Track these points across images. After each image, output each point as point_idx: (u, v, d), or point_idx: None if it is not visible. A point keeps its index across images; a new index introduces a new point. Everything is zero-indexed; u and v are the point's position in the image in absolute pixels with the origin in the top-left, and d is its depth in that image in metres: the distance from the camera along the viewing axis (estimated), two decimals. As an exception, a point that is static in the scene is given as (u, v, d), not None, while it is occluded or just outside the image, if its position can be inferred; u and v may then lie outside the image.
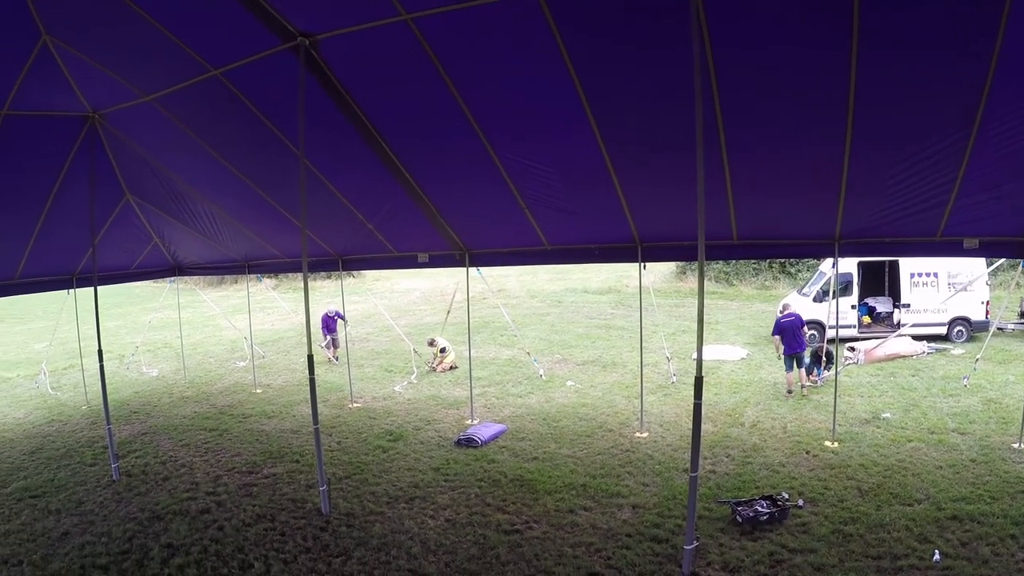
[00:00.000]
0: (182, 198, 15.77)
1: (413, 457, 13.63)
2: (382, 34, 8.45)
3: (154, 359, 28.20)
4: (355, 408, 17.79)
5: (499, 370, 20.79)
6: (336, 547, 10.10)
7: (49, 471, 14.58)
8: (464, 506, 11.14)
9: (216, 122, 12.03)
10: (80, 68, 10.96)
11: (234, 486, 12.91)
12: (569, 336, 26.10)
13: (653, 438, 13.62)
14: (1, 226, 14.56)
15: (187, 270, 21.16)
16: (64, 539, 11.15)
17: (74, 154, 13.41)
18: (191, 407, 19.62)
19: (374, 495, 11.89)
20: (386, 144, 11.05)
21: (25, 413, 20.52)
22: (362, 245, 15.59)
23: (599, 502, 10.88)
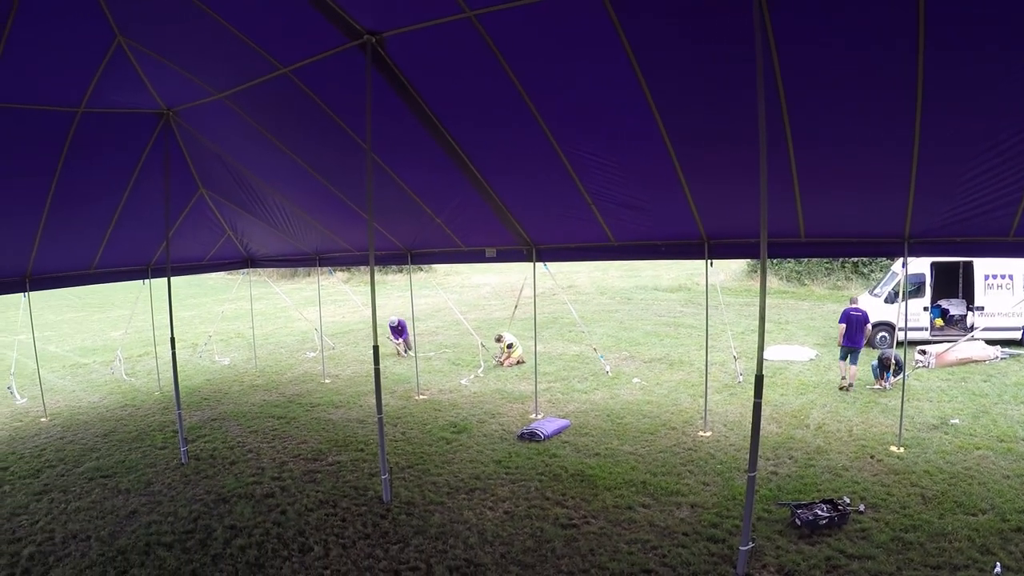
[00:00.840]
0: (254, 192, 16.26)
1: (476, 449, 13.80)
2: (446, 31, 8.59)
3: (226, 348, 28.95)
4: (421, 400, 18.04)
5: (566, 366, 20.86)
6: (395, 534, 10.31)
7: (121, 453, 15.15)
8: (523, 499, 11.27)
9: (286, 118, 12.37)
10: (154, 67, 11.44)
11: (299, 472, 13.24)
12: (637, 333, 26.03)
13: (716, 437, 13.58)
14: (80, 219, 15.32)
15: (259, 262, 21.72)
16: (132, 517, 11.62)
17: (149, 149, 14.01)
18: (261, 395, 20.13)
19: (435, 485, 12.10)
20: (452, 139, 11.20)
21: (100, 397, 21.31)
22: (430, 239, 15.77)
23: (658, 500, 10.91)
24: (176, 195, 15.67)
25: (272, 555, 9.93)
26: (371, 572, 9.25)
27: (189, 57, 11.19)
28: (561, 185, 11.47)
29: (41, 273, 16.75)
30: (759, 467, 11.64)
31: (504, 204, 13.00)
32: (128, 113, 12.87)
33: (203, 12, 9.19)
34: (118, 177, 14.54)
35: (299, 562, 9.65)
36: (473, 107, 10.51)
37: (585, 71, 8.92)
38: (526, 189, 12.49)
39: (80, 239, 16.20)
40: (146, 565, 9.85)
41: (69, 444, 16.14)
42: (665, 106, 8.95)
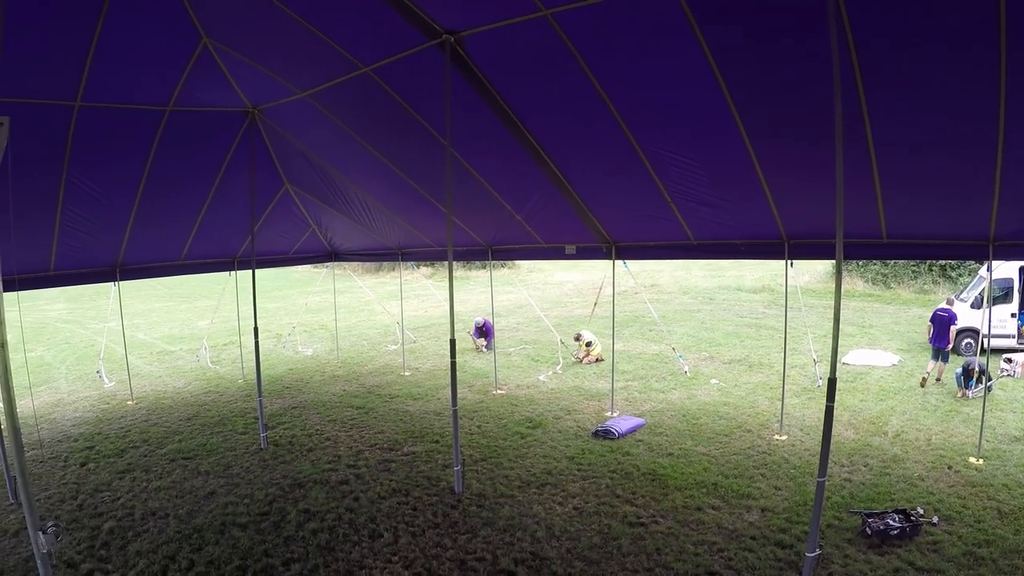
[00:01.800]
0: (337, 187, 16.68)
1: (550, 445, 13.91)
2: (524, 29, 8.73)
3: (310, 339, 29.53)
4: (499, 395, 18.22)
5: (644, 365, 20.82)
6: (464, 525, 10.51)
7: (202, 436, 15.76)
8: (593, 496, 11.34)
9: (368, 115, 12.72)
10: (239, 67, 11.98)
11: (374, 461, 13.56)
12: (718, 334, 25.82)
13: (791, 441, 13.43)
14: (168, 212, 16.04)
15: (343, 256, 22.14)
16: (210, 498, 12.12)
17: (236, 146, 14.62)
18: (341, 385, 20.58)
19: (507, 478, 12.26)
20: (531, 136, 11.34)
21: (185, 383, 22.07)
22: (511, 235, 15.91)
23: (728, 502, 10.87)
24: (262, 190, 16.33)
25: (343, 539, 10.23)
26: (438, 560, 9.44)
27: (273, 57, 11.65)
28: (640, 182, 11.48)
29: (131, 263, 17.50)
30: (833, 473, 11.59)
31: (583, 201, 13.07)
32: (215, 111, 13.46)
33: (286, 14, 9.56)
34: (205, 172, 15.21)
35: (368, 547, 9.92)
36: (551, 104, 10.62)
37: (661, 68, 8.94)
38: (605, 186, 12.54)
39: (169, 232, 16.94)
40: (220, 543, 10.27)
41: (153, 427, 16.82)
42: (743, 103, 8.90)
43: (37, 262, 15.47)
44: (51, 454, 14.92)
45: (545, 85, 10.15)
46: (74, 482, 13.14)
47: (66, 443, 15.73)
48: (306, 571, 9.32)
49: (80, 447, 15.32)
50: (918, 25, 7.15)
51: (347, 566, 9.42)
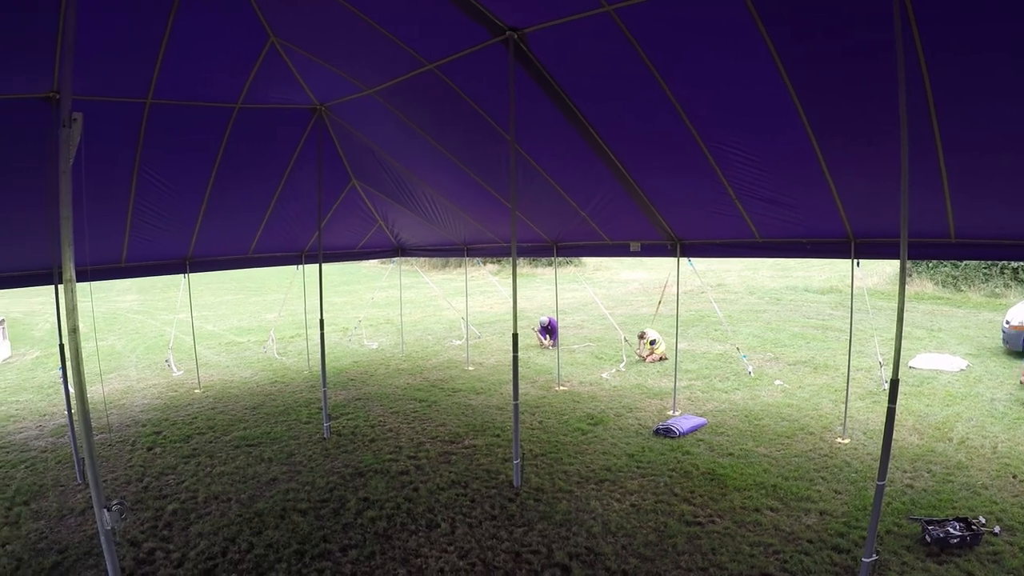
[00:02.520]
0: (403, 183, 16.90)
1: (610, 442, 13.92)
2: (587, 25, 8.74)
3: (375, 333, 29.97)
4: (561, 391, 18.29)
5: (708, 364, 20.67)
6: (520, 518, 10.61)
7: (267, 425, 16.15)
8: (651, 493, 11.34)
9: (433, 111, 12.85)
10: (306, 65, 12.26)
11: (435, 453, 13.75)
12: (784, 335, 25.44)
13: (854, 445, 13.20)
14: (238, 207, 16.53)
15: (409, 251, 22.36)
16: (271, 484, 12.43)
17: (303, 142, 14.96)
18: (405, 379, 20.86)
19: (566, 474, 12.32)
20: (595, 132, 11.33)
21: (252, 373, 22.62)
22: (576, 232, 15.89)
23: (787, 504, 10.76)
24: (329, 185, 16.73)
25: (400, 528, 10.41)
26: (493, 552, 9.56)
27: (339, 55, 11.88)
28: (704, 179, 11.43)
29: (200, 256, 18.02)
30: (895, 479, 11.45)
31: (648, 198, 13.02)
32: (283, 108, 13.78)
33: (351, 12, 9.77)
34: (274, 168, 15.58)
35: (425, 537, 10.08)
36: (615, 100, 10.60)
37: (724, 63, 8.88)
38: (670, 182, 12.48)
39: (238, 226, 17.41)
40: (280, 528, 10.55)
41: (219, 414, 17.30)
42: (807, 98, 8.78)
43: (109, 254, 16.01)
44: (119, 438, 15.44)
45: (608, 81, 10.15)
46: (140, 465, 13.60)
47: (134, 428, 16.26)
48: (363, 557, 9.52)
49: (148, 432, 15.83)
50: (986, 19, 7.03)
51: (403, 554, 9.59)
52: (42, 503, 11.94)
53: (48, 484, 12.80)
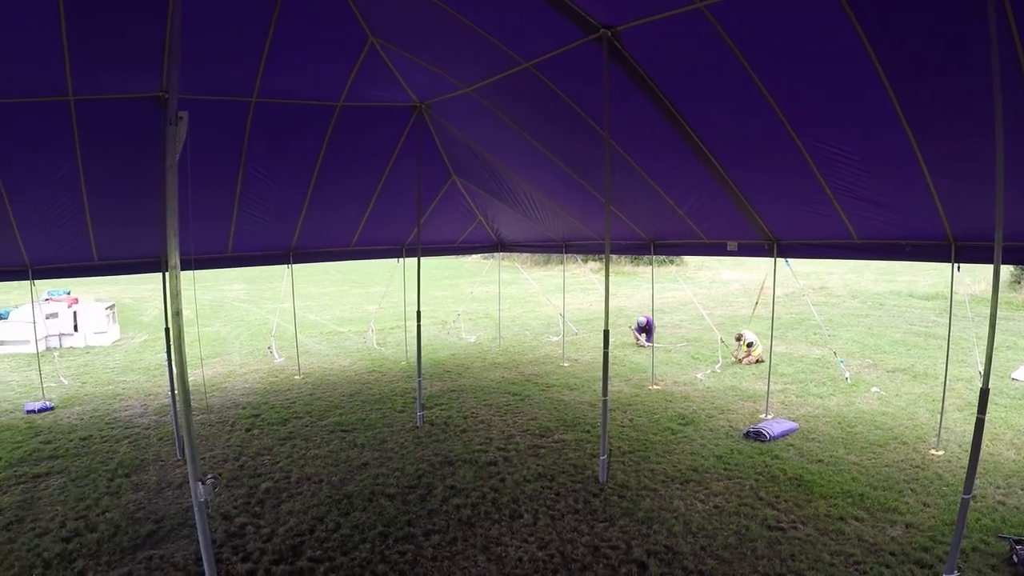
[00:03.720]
0: (502, 179, 17.26)
1: (699, 442, 13.97)
2: (679, 23, 8.80)
3: (474, 327, 30.45)
4: (654, 390, 18.36)
5: (805, 369, 20.39)
6: (603, 513, 10.78)
7: (362, 412, 16.74)
8: (736, 496, 11.37)
9: (530, 109, 13.12)
10: (405, 64, 12.76)
11: (524, 446, 14.03)
12: (884, 341, 24.80)
13: (948, 457, 12.92)
14: (340, 201, 17.25)
15: (508, 246, 22.73)
16: (362, 468, 12.94)
17: (404, 140, 15.50)
18: (500, 372, 21.24)
19: (652, 472, 12.43)
20: (691, 129, 11.37)
21: (351, 362, 23.31)
22: (673, 230, 15.92)
23: (872, 514, 10.62)
24: (429, 181, 17.25)
25: (484, 516, 10.73)
26: (572, 545, 9.76)
27: (437, 54, 12.31)
28: (801, 177, 11.34)
29: (303, 248, 18.81)
30: (987, 494, 11.21)
31: (744, 196, 13.00)
32: (384, 106, 14.33)
33: (448, 12, 10.12)
34: (375, 164, 16.20)
35: (507, 526, 10.37)
36: (710, 98, 10.64)
37: (818, 60, 8.81)
38: (766, 181, 12.43)
39: (340, 218, 18.13)
40: (368, 510, 11.00)
41: (316, 400, 17.96)
42: (905, 95, 8.63)
43: (216, 244, 16.91)
44: (219, 419, 16.20)
45: (703, 78, 10.22)
46: (238, 445, 14.31)
47: (234, 410, 17.03)
48: (444, 542, 9.86)
49: (247, 414, 16.58)
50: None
51: (484, 541, 9.90)
52: (142, 476, 12.74)
53: (149, 459, 13.62)
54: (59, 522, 10.83)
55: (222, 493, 11.77)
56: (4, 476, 12.85)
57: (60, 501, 11.69)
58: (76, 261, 15.75)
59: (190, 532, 10.21)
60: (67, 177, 13.17)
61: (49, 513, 11.20)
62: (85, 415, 17.06)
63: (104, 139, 12.60)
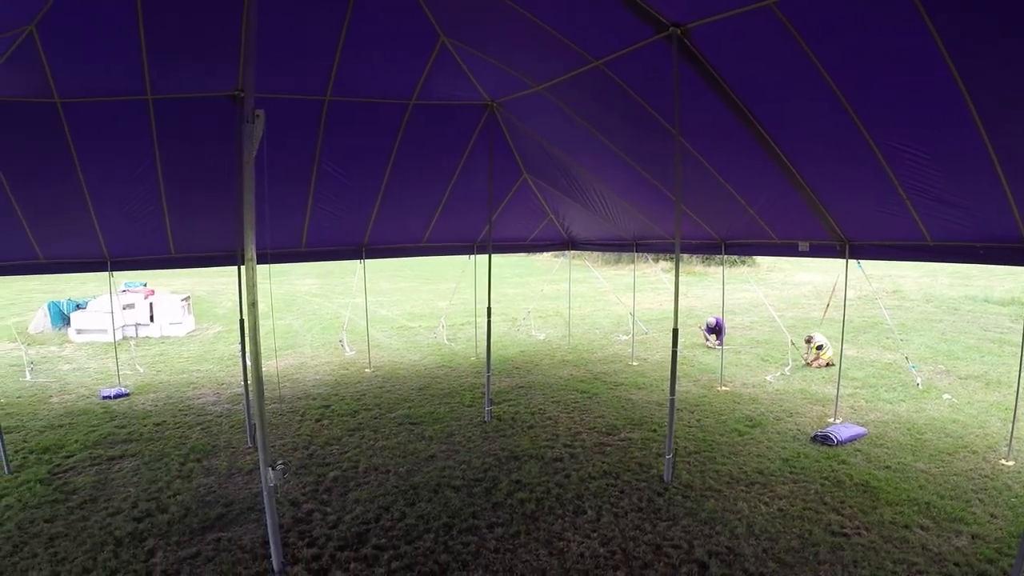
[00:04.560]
0: (573, 177, 17.38)
1: (766, 445, 13.93)
2: (748, 19, 8.83)
3: (543, 324, 30.64)
4: (723, 391, 18.33)
5: (876, 373, 20.11)
6: (666, 512, 10.84)
7: (431, 405, 17.04)
8: (800, 499, 11.32)
9: (600, 107, 13.22)
10: (476, 63, 13.02)
11: (590, 443, 14.14)
12: (958, 347, 24.29)
13: (1019, 468, 12.63)
14: (412, 198, 17.58)
15: (579, 244, 22.79)
16: (429, 460, 13.22)
17: (476, 137, 15.81)
18: (569, 370, 21.37)
19: (717, 473, 12.45)
20: (762, 127, 11.34)
21: (420, 357, 23.71)
22: (744, 230, 15.84)
23: (938, 523, 10.48)
24: (501, 179, 17.51)
25: (547, 511, 10.88)
26: (635, 542, 9.85)
27: (508, 53, 12.53)
28: (873, 177, 11.19)
29: (376, 244, 19.21)
30: (1062, 509, 11.08)
31: (816, 196, 12.88)
32: (455, 105, 14.66)
33: (518, 11, 10.29)
34: (447, 161, 16.54)
35: (570, 522, 10.50)
36: (780, 95, 10.60)
37: (890, 57, 8.67)
38: (838, 180, 12.28)
39: (412, 215, 18.47)
40: (433, 501, 11.26)
41: (386, 393, 18.35)
42: (978, 94, 8.54)
43: (290, 239, 17.42)
44: (290, 408, 16.66)
45: (773, 76, 10.18)
46: (308, 434, 14.73)
47: (305, 400, 17.48)
48: (508, 535, 10.05)
49: (317, 405, 17.02)
50: None
51: (547, 535, 10.05)
52: (213, 461, 13.23)
53: (220, 445, 14.12)
54: (131, 502, 11.36)
55: (291, 480, 12.16)
56: (80, 457, 13.47)
57: (133, 483, 12.24)
58: (154, 254, 16.43)
59: (258, 516, 10.60)
60: (145, 173, 13.83)
61: (122, 494, 11.74)
62: (159, 402, 17.69)
63: (181, 136, 13.26)
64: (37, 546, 9.94)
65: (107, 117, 12.53)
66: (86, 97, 12.06)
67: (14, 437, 14.67)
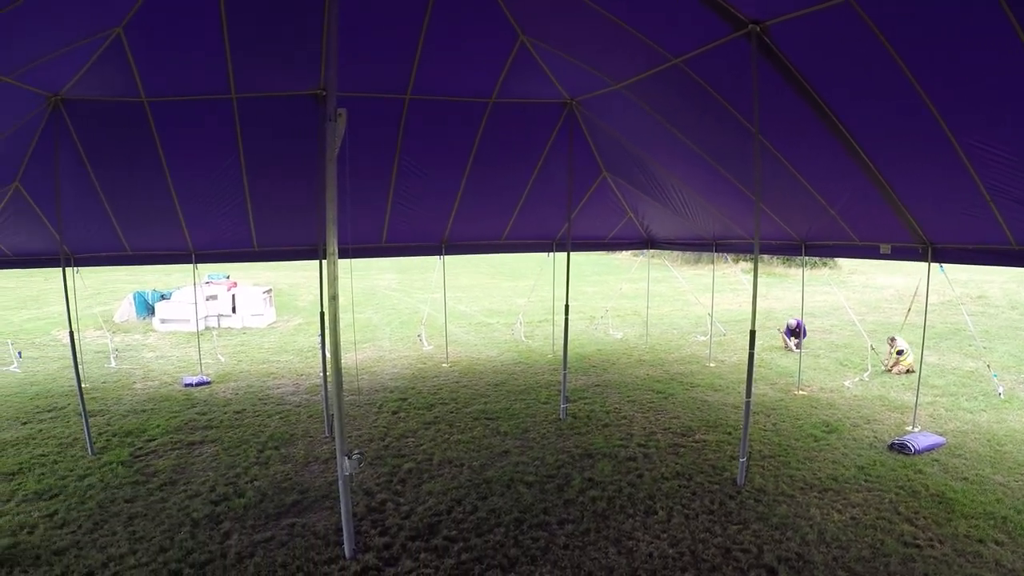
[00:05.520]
0: (652, 175, 17.36)
1: (841, 451, 13.76)
2: (828, 16, 8.75)
3: (621, 324, 30.64)
4: (800, 395, 18.14)
5: (957, 381, 19.63)
6: (737, 516, 10.83)
7: (507, 401, 17.29)
8: (874, 508, 11.17)
9: (679, 105, 13.20)
10: (556, 61, 13.12)
11: (664, 443, 14.18)
12: None
13: None
14: (492, 195, 17.88)
15: (658, 244, 22.71)
16: (503, 456, 13.43)
17: (555, 135, 15.92)
18: (645, 370, 21.40)
19: (791, 478, 12.36)
20: (843, 125, 11.18)
21: (498, 353, 24.00)
22: (824, 231, 15.62)
23: (1014, 539, 10.22)
24: (580, 177, 17.62)
25: (618, 510, 10.96)
26: (704, 544, 9.88)
27: (587, 51, 12.58)
28: (957, 178, 10.91)
29: (455, 240, 19.59)
30: None
31: (898, 197, 12.63)
32: (535, 103, 14.81)
33: (596, 10, 10.37)
34: (527, 159, 16.71)
35: (641, 522, 10.56)
36: (861, 93, 10.43)
37: (973, 55, 8.53)
38: (921, 181, 12.01)
39: (491, 212, 18.79)
40: (505, 496, 11.45)
41: (463, 388, 18.65)
42: None
43: (371, 234, 17.84)
44: (368, 400, 17.05)
45: (853, 73, 10.03)
46: (384, 426, 15.08)
47: (382, 393, 17.88)
48: (578, 532, 10.16)
49: (394, 398, 17.38)
50: None
51: (617, 534, 10.13)
52: (291, 449, 13.66)
53: (298, 434, 14.56)
54: (209, 486, 11.83)
55: (366, 470, 12.46)
56: (161, 442, 14.03)
57: (211, 467, 12.74)
58: (236, 247, 17.08)
59: (332, 504, 10.90)
60: (229, 169, 14.39)
61: (200, 478, 12.23)
62: (240, 390, 18.26)
63: (264, 134, 13.74)
64: (116, 524, 10.42)
65: (192, 115, 13.06)
66: (172, 96, 12.56)
67: (98, 420, 15.32)
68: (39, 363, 22.69)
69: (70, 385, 18.70)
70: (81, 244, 16.50)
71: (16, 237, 15.74)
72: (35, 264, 16.67)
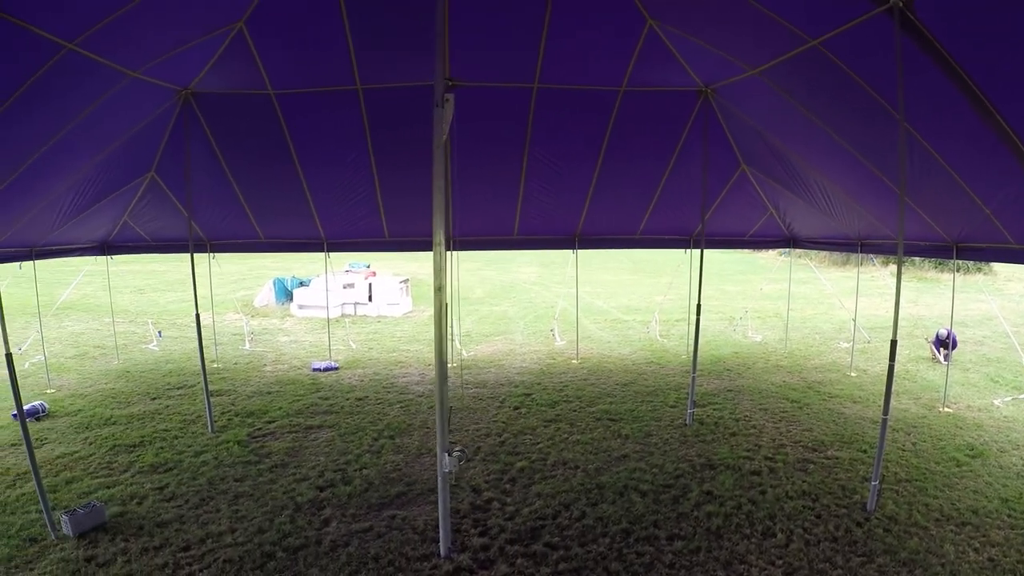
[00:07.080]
0: (793, 169, 16.42)
1: (985, 480, 12.66)
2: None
3: (761, 326, 29.61)
4: (944, 413, 16.93)
5: None
6: (863, 546, 10.03)
7: (632, 403, 16.78)
8: (1016, 550, 10.11)
9: (820, 91, 12.33)
10: (687, 46, 12.47)
11: (793, 458, 13.42)
12: None
13: None
14: (626, 188, 17.39)
15: (800, 243, 21.65)
16: (621, 460, 12.97)
17: (690, 125, 15.28)
18: (781, 376, 20.52)
19: (926, 507, 11.42)
20: (998, 113, 9.95)
21: (630, 351, 23.51)
22: (978, 231, 14.18)
23: None
24: (717, 170, 16.85)
25: (734, 529, 10.34)
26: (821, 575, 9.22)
27: (720, 34, 11.90)
28: None
29: (588, 234, 19.23)
30: None
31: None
32: (667, 91, 14.17)
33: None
34: (661, 150, 16.14)
35: (756, 544, 9.93)
36: (1019, 75, 9.24)
37: None
38: None
39: (625, 206, 18.28)
40: (616, 503, 11.00)
41: (589, 386, 18.25)
42: None
43: (502, 227, 17.77)
44: (491, 394, 16.92)
45: (1011, 52, 8.91)
46: (503, 422, 14.88)
47: (507, 387, 17.72)
48: (687, 550, 9.62)
49: (518, 393, 17.17)
50: None
51: (728, 556, 9.54)
52: (405, 440, 13.66)
53: (416, 425, 14.56)
54: (318, 471, 11.97)
55: (476, 466, 12.27)
56: (280, 424, 14.31)
57: (324, 452, 12.90)
58: (368, 236, 17.38)
59: (437, 499, 10.57)
60: (358, 160, 14.60)
61: (311, 462, 12.41)
62: (365, 377, 18.46)
63: (391, 124, 13.78)
64: (222, 502, 10.65)
65: (319, 106, 13.26)
66: (298, 88, 12.79)
67: (223, 400, 15.72)
68: (177, 342, 23.78)
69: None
70: (216, 231, 17.19)
71: (154, 223, 16.61)
72: (169, 250, 17.48)
